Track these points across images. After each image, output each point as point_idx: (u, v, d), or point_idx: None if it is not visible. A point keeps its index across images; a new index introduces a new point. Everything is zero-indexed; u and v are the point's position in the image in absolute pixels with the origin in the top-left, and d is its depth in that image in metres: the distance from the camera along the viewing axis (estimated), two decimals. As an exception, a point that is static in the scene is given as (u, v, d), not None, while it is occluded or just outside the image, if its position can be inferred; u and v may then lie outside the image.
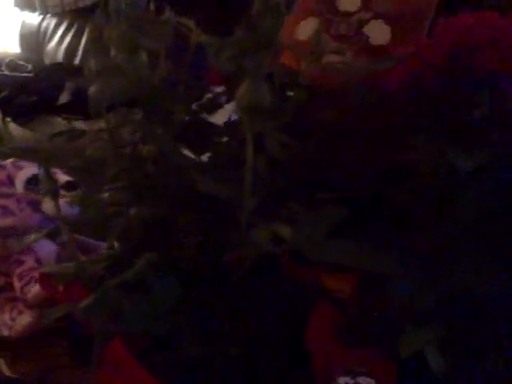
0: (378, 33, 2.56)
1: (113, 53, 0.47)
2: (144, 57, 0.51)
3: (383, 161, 0.61)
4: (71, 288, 0.58)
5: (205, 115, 0.55)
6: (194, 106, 0.54)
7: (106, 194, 0.54)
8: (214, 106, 0.53)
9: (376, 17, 2.62)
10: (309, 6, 2.82)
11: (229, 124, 0.52)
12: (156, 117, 0.52)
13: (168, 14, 0.55)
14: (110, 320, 0.41)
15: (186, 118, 0.53)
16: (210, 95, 0.54)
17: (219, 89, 0.58)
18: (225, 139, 0.53)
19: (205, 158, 0.53)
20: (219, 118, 0.56)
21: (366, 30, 2.66)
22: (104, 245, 0.65)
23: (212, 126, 0.53)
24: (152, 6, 0.53)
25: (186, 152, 0.52)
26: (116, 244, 0.53)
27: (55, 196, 0.45)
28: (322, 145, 0.55)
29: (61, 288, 0.59)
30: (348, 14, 2.77)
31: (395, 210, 0.53)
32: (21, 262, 0.71)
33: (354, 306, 0.51)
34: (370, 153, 0.63)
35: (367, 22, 2.65)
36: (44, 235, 0.58)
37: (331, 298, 0.48)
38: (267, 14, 0.46)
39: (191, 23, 0.52)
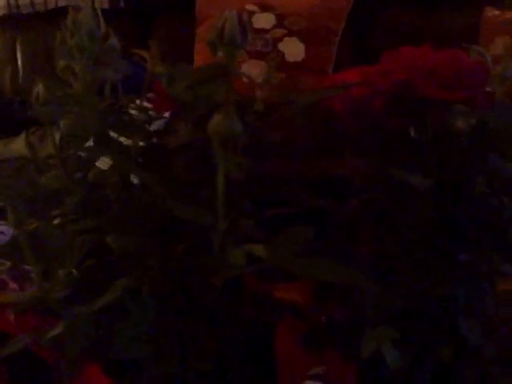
0: (293, 49, 2.68)
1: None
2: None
3: (324, 176, 0.65)
4: (22, 318, 0.57)
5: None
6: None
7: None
8: (169, 131, 0.55)
9: (290, 34, 2.74)
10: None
11: (184, 147, 0.54)
12: (111, 144, 0.53)
13: (113, 41, 0.56)
14: (85, 346, 0.42)
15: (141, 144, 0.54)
16: (163, 121, 0.55)
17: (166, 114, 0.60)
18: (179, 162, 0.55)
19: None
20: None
21: (281, 46, 2.78)
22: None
23: (167, 150, 0.55)
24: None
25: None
26: (75, 271, 0.53)
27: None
28: (273, 164, 0.59)
29: (11, 318, 0.58)
30: (263, 31, 2.88)
31: (342, 224, 0.57)
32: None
33: (310, 313, 0.54)
34: (314, 169, 0.67)
35: (281, 39, 2.76)
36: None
37: (293, 308, 0.51)
38: (222, 45, 0.49)
39: (144, 53, 0.53)
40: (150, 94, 0.59)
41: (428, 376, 0.50)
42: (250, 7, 2.58)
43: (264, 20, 2.55)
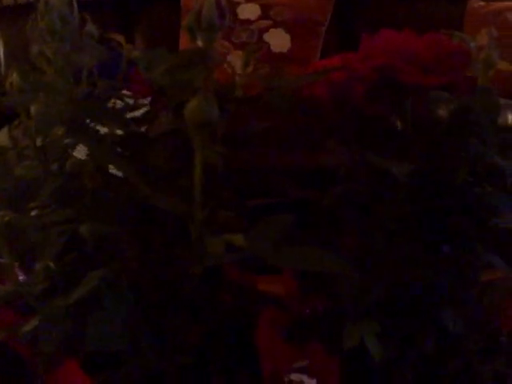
0: (279, 40, 2.67)
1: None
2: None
3: (304, 165, 0.64)
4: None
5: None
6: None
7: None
8: (149, 118, 0.54)
9: (275, 25, 2.73)
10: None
11: (164, 135, 0.53)
12: (87, 133, 0.51)
13: (90, 28, 0.55)
14: (61, 341, 0.41)
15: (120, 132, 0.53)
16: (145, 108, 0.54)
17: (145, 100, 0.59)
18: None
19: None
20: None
21: (267, 37, 2.77)
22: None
23: (146, 138, 0.53)
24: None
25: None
26: (52, 264, 0.51)
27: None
28: (253, 153, 0.58)
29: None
30: (248, 22, 2.87)
31: (325, 213, 0.57)
32: None
33: (293, 305, 0.53)
34: (295, 158, 0.66)
35: (267, 30, 2.76)
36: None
37: (275, 300, 0.50)
38: (200, 29, 0.47)
39: (121, 38, 0.52)
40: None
41: (411, 366, 0.49)
42: (235, -2, 2.55)
43: (249, 11, 2.53)
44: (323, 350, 0.51)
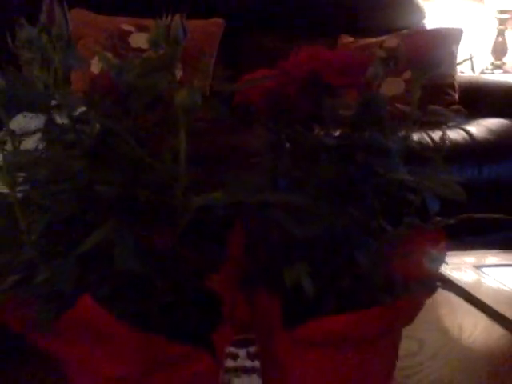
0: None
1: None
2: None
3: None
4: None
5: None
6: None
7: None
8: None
9: (167, 54, 2.78)
10: (100, 41, 2.99)
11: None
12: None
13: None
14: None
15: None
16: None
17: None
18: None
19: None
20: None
21: (160, 65, 2.79)
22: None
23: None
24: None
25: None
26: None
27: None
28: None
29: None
30: (140, 50, 3.01)
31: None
32: None
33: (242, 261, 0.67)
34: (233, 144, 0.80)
35: (159, 58, 2.79)
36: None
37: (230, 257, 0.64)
38: (168, 43, 0.61)
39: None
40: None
41: (334, 299, 0.65)
42: (126, 27, 2.67)
43: (141, 40, 2.66)
44: (266, 292, 0.65)
